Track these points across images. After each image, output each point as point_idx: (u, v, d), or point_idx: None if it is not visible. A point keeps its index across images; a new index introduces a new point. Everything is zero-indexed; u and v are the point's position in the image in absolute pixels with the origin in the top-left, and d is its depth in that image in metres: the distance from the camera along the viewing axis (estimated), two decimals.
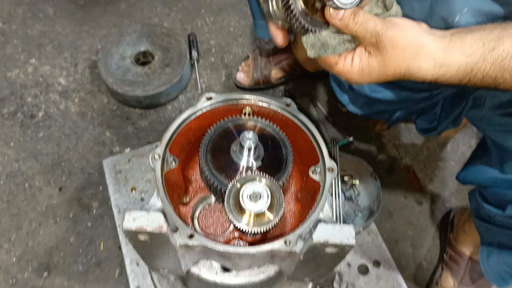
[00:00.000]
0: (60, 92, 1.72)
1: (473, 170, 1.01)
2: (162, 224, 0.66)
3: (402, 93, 1.07)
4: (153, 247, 0.73)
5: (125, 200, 1.40)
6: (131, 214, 0.67)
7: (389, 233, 1.47)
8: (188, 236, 0.72)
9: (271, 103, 0.93)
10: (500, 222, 0.93)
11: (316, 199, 0.78)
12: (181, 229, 0.73)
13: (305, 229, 0.74)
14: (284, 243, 0.72)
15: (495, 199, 0.93)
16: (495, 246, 1.00)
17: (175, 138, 0.86)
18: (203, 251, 0.78)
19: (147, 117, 1.67)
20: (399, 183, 1.58)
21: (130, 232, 0.66)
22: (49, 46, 1.85)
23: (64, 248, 1.37)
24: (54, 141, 1.59)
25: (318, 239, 0.67)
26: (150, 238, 0.68)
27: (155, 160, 0.82)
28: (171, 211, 0.76)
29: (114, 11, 1.99)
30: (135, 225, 0.66)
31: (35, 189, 1.48)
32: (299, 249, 0.72)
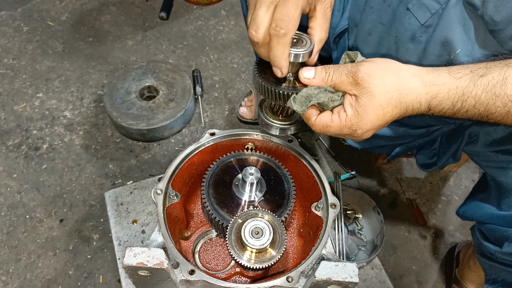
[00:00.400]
0: (65, 125, 1.74)
1: (472, 206, 1.00)
2: (163, 260, 0.65)
3: (400, 129, 1.09)
4: (154, 283, 0.72)
5: (126, 233, 1.39)
6: (132, 250, 0.67)
7: (393, 268, 1.44)
8: (189, 272, 0.72)
9: (274, 139, 0.95)
10: (501, 259, 0.92)
11: (319, 235, 0.77)
12: (182, 264, 0.73)
13: (308, 266, 0.73)
14: (286, 280, 0.71)
15: (493, 235, 0.92)
16: (500, 283, 0.98)
17: (177, 173, 0.86)
18: (204, 287, 0.77)
19: (150, 150, 1.68)
20: (403, 217, 1.56)
21: (130, 268, 0.66)
22: (56, 80, 1.90)
23: (62, 281, 1.35)
24: (57, 173, 1.60)
25: (321, 277, 0.66)
26: (151, 274, 0.68)
27: (157, 194, 0.83)
28: (172, 246, 0.76)
29: (121, 47, 2.05)
30: (135, 261, 0.65)
31: (35, 220, 1.48)
32: (301, 286, 0.71)
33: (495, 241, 0.91)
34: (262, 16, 0.66)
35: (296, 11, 0.65)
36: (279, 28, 0.65)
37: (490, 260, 0.96)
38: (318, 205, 0.84)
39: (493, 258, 0.94)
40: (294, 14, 0.65)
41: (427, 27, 0.78)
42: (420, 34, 0.79)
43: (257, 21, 0.67)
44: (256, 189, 0.86)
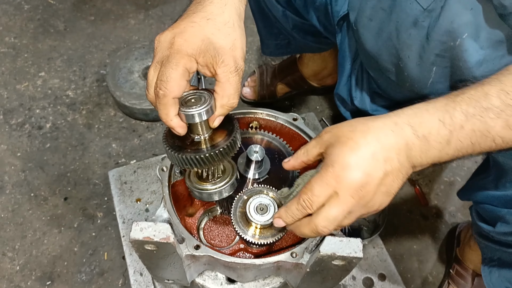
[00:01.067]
0: (68, 104, 1.74)
1: (472, 187, 1.01)
2: (169, 234, 0.66)
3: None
4: (159, 258, 0.73)
5: (129, 211, 1.40)
6: (139, 225, 0.67)
7: (394, 247, 1.46)
8: (194, 247, 0.73)
9: (278, 117, 0.94)
10: (496, 239, 0.93)
11: None
12: (188, 240, 0.74)
13: (312, 241, 0.74)
14: (290, 256, 0.72)
15: (487, 216, 0.93)
16: (496, 262, 0.99)
17: None
18: (208, 262, 0.78)
19: (153, 129, 1.68)
20: (405, 197, 1.57)
21: (137, 242, 0.67)
22: (58, 60, 1.88)
23: (67, 257, 1.37)
24: (60, 152, 1.60)
25: (325, 252, 0.67)
26: (157, 248, 0.69)
27: (162, 172, 0.83)
28: (177, 222, 0.76)
29: (124, 27, 2.03)
30: (142, 235, 0.66)
31: (40, 199, 1.49)
32: (305, 261, 0.72)
33: (489, 221, 0.92)
34: (151, 76, 0.66)
35: (175, 71, 0.63)
36: (158, 89, 0.64)
37: (486, 239, 0.97)
38: None
39: (489, 237, 0.95)
40: (173, 75, 0.63)
41: (430, 11, 0.76)
42: (423, 19, 0.77)
43: (148, 80, 0.67)
44: (261, 167, 0.87)
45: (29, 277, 1.33)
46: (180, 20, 0.68)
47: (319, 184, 0.62)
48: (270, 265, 0.73)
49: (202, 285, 0.85)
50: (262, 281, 0.84)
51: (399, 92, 1.02)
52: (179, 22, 0.68)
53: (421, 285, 1.40)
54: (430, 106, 0.62)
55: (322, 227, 0.63)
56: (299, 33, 1.29)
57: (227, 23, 0.68)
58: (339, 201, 0.62)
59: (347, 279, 1.32)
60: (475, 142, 0.60)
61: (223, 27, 0.68)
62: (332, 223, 0.63)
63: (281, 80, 1.70)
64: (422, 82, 0.87)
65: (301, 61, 1.66)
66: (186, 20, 0.67)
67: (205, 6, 0.68)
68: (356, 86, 1.16)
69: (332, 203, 0.62)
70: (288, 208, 0.66)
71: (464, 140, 0.60)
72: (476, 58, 0.74)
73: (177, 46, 0.65)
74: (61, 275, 1.34)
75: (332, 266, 0.71)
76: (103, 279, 1.33)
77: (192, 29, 0.66)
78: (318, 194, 0.62)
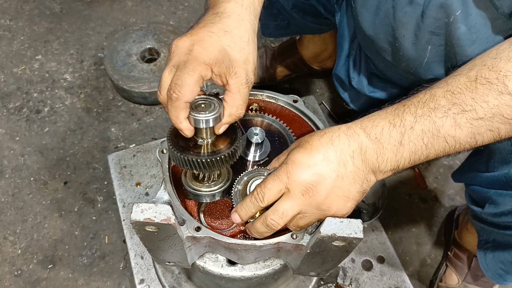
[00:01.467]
0: (66, 88, 1.73)
1: (464, 169, 1.01)
2: (170, 215, 0.66)
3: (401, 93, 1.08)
4: (160, 240, 0.74)
5: (129, 195, 1.40)
6: (139, 206, 0.67)
7: (393, 230, 1.47)
8: (195, 229, 0.73)
9: (278, 99, 0.94)
10: (490, 221, 0.93)
11: None
12: (188, 221, 0.74)
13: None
14: (291, 237, 0.73)
15: (477, 197, 0.93)
16: (491, 244, 1.00)
17: None
18: (209, 244, 0.78)
19: (153, 113, 1.68)
20: (404, 181, 1.58)
21: (138, 224, 0.67)
22: (55, 42, 1.86)
23: (68, 241, 1.38)
24: (59, 136, 1.60)
25: (326, 232, 0.67)
26: (158, 230, 0.69)
27: (162, 154, 0.82)
28: (178, 204, 0.76)
29: (121, 8, 2.00)
30: (143, 217, 0.66)
31: (40, 183, 1.49)
32: (305, 243, 0.72)
33: (479, 203, 0.92)
34: (165, 78, 0.69)
35: (191, 77, 0.65)
36: (171, 91, 0.66)
37: (480, 221, 0.98)
38: None
39: (483, 219, 0.96)
40: (188, 80, 0.65)
41: None
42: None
43: (161, 81, 0.69)
44: (261, 150, 0.86)
45: (31, 260, 1.34)
46: (197, 28, 0.70)
47: (272, 179, 0.66)
48: (270, 247, 0.73)
49: (202, 267, 0.86)
50: (262, 263, 0.85)
51: (396, 73, 1.01)
52: (197, 30, 0.70)
53: (419, 267, 1.42)
54: (382, 112, 0.66)
55: (271, 219, 0.67)
56: (298, 13, 1.28)
57: (242, 37, 0.71)
58: (290, 197, 0.66)
59: (346, 262, 1.33)
60: (427, 143, 0.63)
61: (239, 41, 0.71)
62: (280, 216, 0.66)
63: (281, 63, 1.69)
64: (417, 62, 0.88)
65: (301, 43, 1.64)
66: (204, 30, 0.70)
67: (223, 19, 0.71)
68: (354, 67, 1.15)
69: (283, 198, 0.66)
70: (243, 202, 0.70)
71: (416, 141, 0.63)
72: (468, 37, 0.75)
73: (196, 53, 0.67)
74: (63, 259, 1.35)
75: (332, 247, 0.71)
76: (104, 262, 1.34)
77: (210, 39, 0.69)
78: (270, 188, 0.66)
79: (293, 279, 1.12)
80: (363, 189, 0.67)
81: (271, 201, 0.67)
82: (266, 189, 0.67)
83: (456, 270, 1.34)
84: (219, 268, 0.85)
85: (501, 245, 0.98)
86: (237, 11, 0.72)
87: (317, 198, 0.65)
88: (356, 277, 1.31)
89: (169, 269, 1.18)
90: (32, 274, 1.31)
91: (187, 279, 1.13)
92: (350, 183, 0.65)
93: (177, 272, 1.16)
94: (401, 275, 1.32)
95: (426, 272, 1.41)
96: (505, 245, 0.96)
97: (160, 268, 1.21)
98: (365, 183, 0.66)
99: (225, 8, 0.72)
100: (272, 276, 0.88)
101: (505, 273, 1.01)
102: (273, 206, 0.67)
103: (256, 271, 0.85)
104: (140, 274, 1.25)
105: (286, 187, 0.66)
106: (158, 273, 1.21)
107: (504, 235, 0.93)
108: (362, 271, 1.32)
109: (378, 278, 1.32)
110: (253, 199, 0.68)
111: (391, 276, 1.32)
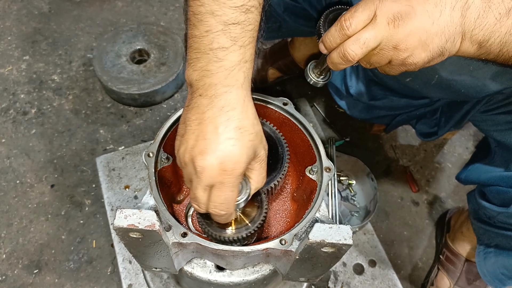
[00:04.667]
0: (53, 89, 1.70)
1: (476, 170, 0.99)
2: (154, 221, 0.64)
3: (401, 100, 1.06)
4: (145, 246, 0.72)
5: (118, 198, 1.38)
6: (123, 212, 0.65)
7: (385, 233, 1.46)
8: (181, 235, 0.71)
9: (268, 102, 0.92)
10: (500, 223, 0.92)
11: (313, 199, 0.77)
12: (174, 227, 0.72)
13: (302, 228, 0.72)
14: (279, 243, 0.71)
15: (499, 197, 0.92)
16: (493, 248, 0.99)
17: (169, 136, 0.84)
18: (196, 250, 0.76)
19: (142, 115, 1.65)
20: (396, 184, 1.57)
21: (121, 230, 0.65)
22: (43, 43, 1.83)
23: (55, 245, 1.35)
24: (46, 138, 1.57)
25: (315, 239, 0.65)
26: (142, 236, 0.67)
27: (148, 157, 0.80)
28: (164, 209, 0.74)
29: (111, 9, 1.97)
30: (126, 223, 0.64)
31: (26, 186, 1.46)
32: (294, 248, 0.71)
33: (501, 203, 0.91)
34: (201, 197, 0.67)
35: (233, 194, 0.66)
36: (219, 210, 0.67)
37: (486, 224, 0.97)
38: (312, 168, 0.82)
39: (490, 222, 0.95)
40: (233, 196, 0.66)
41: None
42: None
43: (198, 200, 0.67)
44: None
45: (16, 265, 1.31)
46: (213, 134, 0.64)
47: (361, 5, 0.63)
48: (259, 252, 0.72)
49: (190, 273, 0.84)
50: (251, 268, 0.83)
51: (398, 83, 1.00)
52: (216, 140, 0.63)
53: (411, 271, 1.41)
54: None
55: (351, 49, 0.63)
56: (290, 16, 1.26)
57: (253, 123, 0.67)
58: (375, 26, 0.61)
59: (338, 266, 1.32)
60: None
61: (252, 128, 0.66)
62: (361, 46, 0.63)
63: (272, 65, 1.67)
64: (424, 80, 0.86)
65: (292, 45, 1.63)
66: (223, 137, 0.64)
67: (229, 112, 0.65)
68: (351, 75, 1.14)
69: (367, 27, 0.62)
70: (329, 31, 0.66)
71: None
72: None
73: (230, 171, 0.64)
74: (49, 263, 1.32)
75: (322, 253, 0.70)
76: (91, 267, 1.32)
77: (234, 148, 0.64)
78: (358, 14, 0.62)
79: (283, 284, 1.10)
80: (444, 48, 0.61)
81: (358, 29, 0.63)
82: (354, 16, 0.62)
83: (448, 273, 1.33)
84: (207, 274, 0.83)
85: (506, 248, 0.97)
86: (240, 100, 0.66)
87: (399, 32, 0.61)
88: (347, 281, 1.30)
89: (157, 274, 1.16)
90: (17, 280, 1.28)
91: (176, 284, 1.11)
92: (437, 33, 0.60)
93: (166, 277, 1.14)
94: (393, 278, 1.31)
95: (417, 276, 1.40)
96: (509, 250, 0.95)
97: (148, 273, 1.19)
98: (449, 42, 0.61)
99: (228, 101, 0.65)
100: (261, 281, 0.87)
101: (506, 279, 1.00)
102: (355, 35, 0.63)
103: (245, 277, 0.83)
104: (128, 279, 1.23)
105: (374, 14, 0.61)
106: (147, 278, 1.19)
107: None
108: (353, 275, 1.31)
109: (370, 282, 1.30)
110: (338, 27, 0.64)
111: (382, 280, 1.31)
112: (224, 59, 0.64)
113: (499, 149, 0.91)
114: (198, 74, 0.65)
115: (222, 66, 0.64)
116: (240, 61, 0.65)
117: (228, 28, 0.64)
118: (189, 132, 0.65)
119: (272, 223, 0.88)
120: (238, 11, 0.64)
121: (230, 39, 0.64)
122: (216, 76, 0.64)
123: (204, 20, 0.64)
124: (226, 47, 0.64)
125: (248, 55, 0.67)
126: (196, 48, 0.66)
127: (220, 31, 0.64)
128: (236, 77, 0.65)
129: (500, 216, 0.91)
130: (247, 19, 0.65)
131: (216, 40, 0.64)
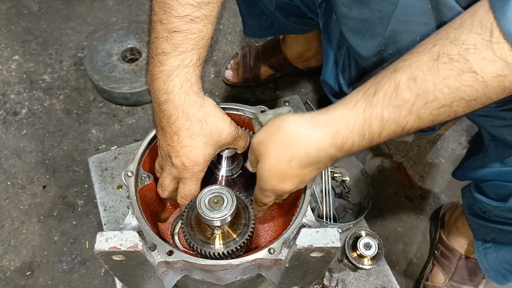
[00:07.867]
0: (44, 89, 1.68)
1: (471, 166, 0.99)
2: (137, 242, 0.63)
3: None
4: (131, 268, 0.70)
5: (111, 198, 1.37)
6: (104, 235, 0.64)
7: (379, 229, 1.46)
8: (167, 253, 0.69)
9: (246, 111, 0.90)
10: (496, 217, 0.91)
11: (298, 204, 0.76)
12: (160, 246, 0.70)
13: (289, 235, 0.72)
14: (268, 252, 0.70)
15: (496, 192, 0.91)
16: (491, 243, 0.99)
17: (147, 154, 0.83)
18: (185, 267, 0.75)
19: (134, 114, 1.64)
20: (390, 180, 1.57)
21: (103, 254, 0.63)
22: (33, 42, 1.81)
23: (48, 247, 1.34)
24: (38, 139, 1.55)
25: (302, 244, 0.65)
26: (126, 258, 0.65)
27: (128, 177, 0.79)
28: (147, 228, 0.73)
29: (101, 7, 1.95)
30: (108, 246, 0.62)
31: (18, 187, 1.45)
32: (284, 257, 0.70)
33: (498, 198, 0.90)
34: (167, 184, 0.78)
35: (196, 185, 0.76)
36: (185, 200, 0.78)
37: (482, 219, 0.96)
38: None
39: (485, 217, 0.94)
40: (195, 188, 0.76)
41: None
42: None
43: (164, 186, 0.79)
44: (233, 163, 0.83)
45: (8, 267, 1.30)
46: (174, 141, 0.72)
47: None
48: (248, 264, 0.71)
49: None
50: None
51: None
52: (177, 147, 0.72)
53: (406, 267, 1.41)
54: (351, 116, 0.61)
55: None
56: (282, 14, 1.25)
57: (202, 126, 0.72)
58: None
59: (332, 263, 1.31)
60: (385, 137, 0.62)
61: (201, 130, 0.72)
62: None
63: (265, 62, 1.65)
64: None
65: (284, 43, 1.61)
66: (180, 146, 0.72)
67: (176, 123, 0.71)
68: (343, 73, 1.12)
69: None
70: None
71: (381, 140, 0.62)
72: None
73: (191, 168, 0.74)
74: (41, 265, 1.31)
75: (311, 259, 0.69)
76: (85, 268, 1.31)
77: (191, 153, 0.72)
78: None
79: None
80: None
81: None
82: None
83: (443, 269, 1.34)
84: None
85: (505, 243, 0.96)
86: (179, 108, 0.71)
87: None
88: (342, 278, 1.30)
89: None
90: (9, 282, 1.28)
91: None
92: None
93: None
94: (388, 274, 1.31)
95: (412, 271, 1.41)
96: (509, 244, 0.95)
97: None
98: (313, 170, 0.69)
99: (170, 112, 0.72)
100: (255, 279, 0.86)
101: (509, 274, 1.00)
102: None
103: None
104: None
105: None
106: None
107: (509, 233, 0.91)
108: (348, 271, 1.31)
109: (365, 278, 1.30)
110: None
111: (377, 276, 1.31)
112: (164, 64, 0.70)
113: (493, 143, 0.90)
114: (148, 78, 0.74)
115: (162, 71, 0.70)
116: (179, 65, 0.70)
117: (171, 35, 0.69)
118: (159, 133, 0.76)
119: (260, 233, 0.88)
120: (182, 21, 0.69)
121: (172, 45, 0.69)
122: (158, 81, 0.71)
123: (154, 27, 0.72)
124: (167, 52, 0.69)
125: (188, 61, 0.70)
126: (148, 52, 0.74)
127: (164, 38, 0.70)
128: (174, 82, 0.70)
129: (496, 211, 0.91)
130: (191, 28, 0.70)
131: (160, 45, 0.70)
